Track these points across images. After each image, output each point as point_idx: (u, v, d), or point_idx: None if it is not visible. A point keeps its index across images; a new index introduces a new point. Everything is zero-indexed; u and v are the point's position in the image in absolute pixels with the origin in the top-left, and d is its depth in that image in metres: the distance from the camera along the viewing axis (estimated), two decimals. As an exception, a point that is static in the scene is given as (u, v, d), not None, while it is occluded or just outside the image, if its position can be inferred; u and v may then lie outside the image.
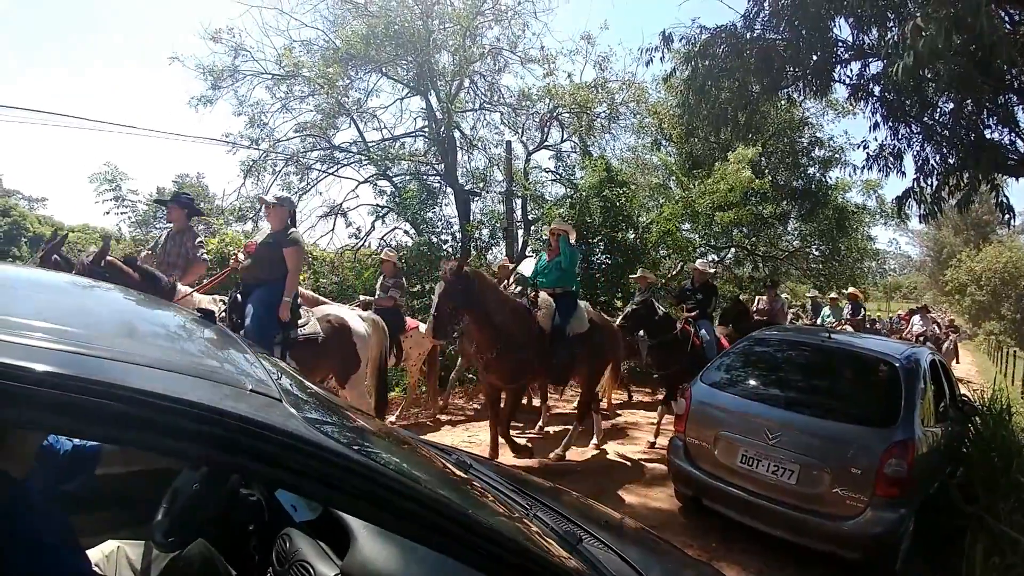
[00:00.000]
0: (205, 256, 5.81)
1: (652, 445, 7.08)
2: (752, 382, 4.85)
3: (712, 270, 9.23)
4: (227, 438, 0.88)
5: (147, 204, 12.35)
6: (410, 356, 7.57)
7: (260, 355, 1.55)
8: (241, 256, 5.16)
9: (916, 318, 15.24)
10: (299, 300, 5.23)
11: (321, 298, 6.41)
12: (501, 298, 5.53)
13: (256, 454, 0.91)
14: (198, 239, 5.77)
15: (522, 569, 1.18)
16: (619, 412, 9.03)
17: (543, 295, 5.95)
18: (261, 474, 1.07)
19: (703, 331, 7.54)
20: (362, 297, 8.28)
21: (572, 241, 6.37)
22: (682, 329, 7.31)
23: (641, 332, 7.55)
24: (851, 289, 12.71)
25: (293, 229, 5.09)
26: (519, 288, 6.63)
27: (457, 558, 1.14)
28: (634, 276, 8.60)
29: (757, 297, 12.31)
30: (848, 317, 11.56)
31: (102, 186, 11.18)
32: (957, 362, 17.67)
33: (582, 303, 6.32)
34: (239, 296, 4.94)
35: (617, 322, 7.31)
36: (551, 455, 6.06)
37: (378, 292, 7.59)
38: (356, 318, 5.66)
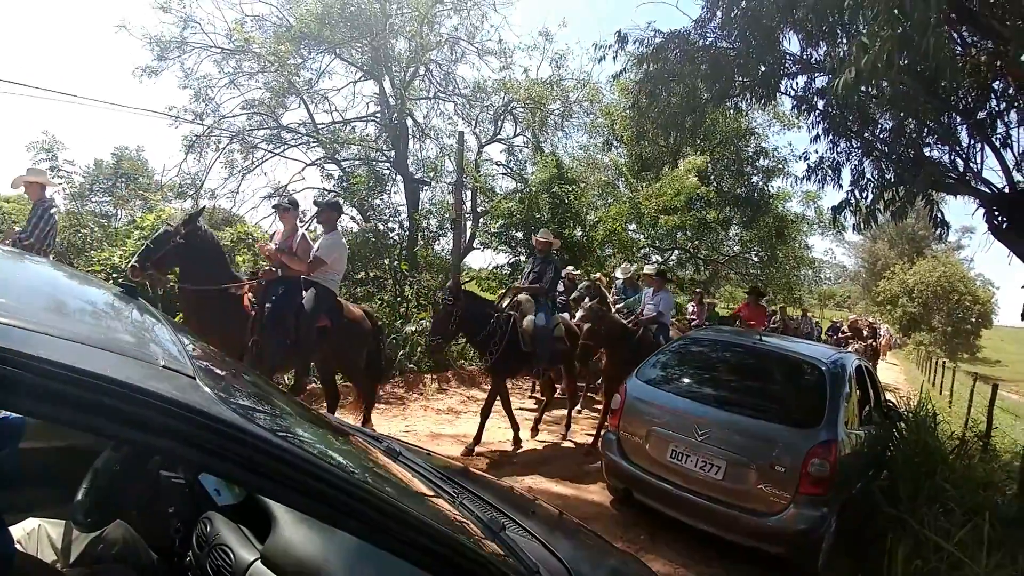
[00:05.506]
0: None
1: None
2: (684, 380, 4.98)
3: None
4: (134, 413, 0.85)
5: (83, 176, 11.78)
6: None
7: (180, 333, 1.51)
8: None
9: (690, 306, 12.46)
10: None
11: None
12: None
13: (165, 431, 0.89)
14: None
15: (439, 554, 1.19)
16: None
17: None
18: (170, 451, 1.04)
19: None
20: None
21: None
22: None
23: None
24: (568, 270, 9.91)
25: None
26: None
27: (377, 544, 1.14)
28: None
29: None
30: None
31: (39, 155, 10.61)
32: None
33: None
34: None
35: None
36: None
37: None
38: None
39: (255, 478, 1.01)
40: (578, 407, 8.21)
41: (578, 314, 6.73)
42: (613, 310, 7.90)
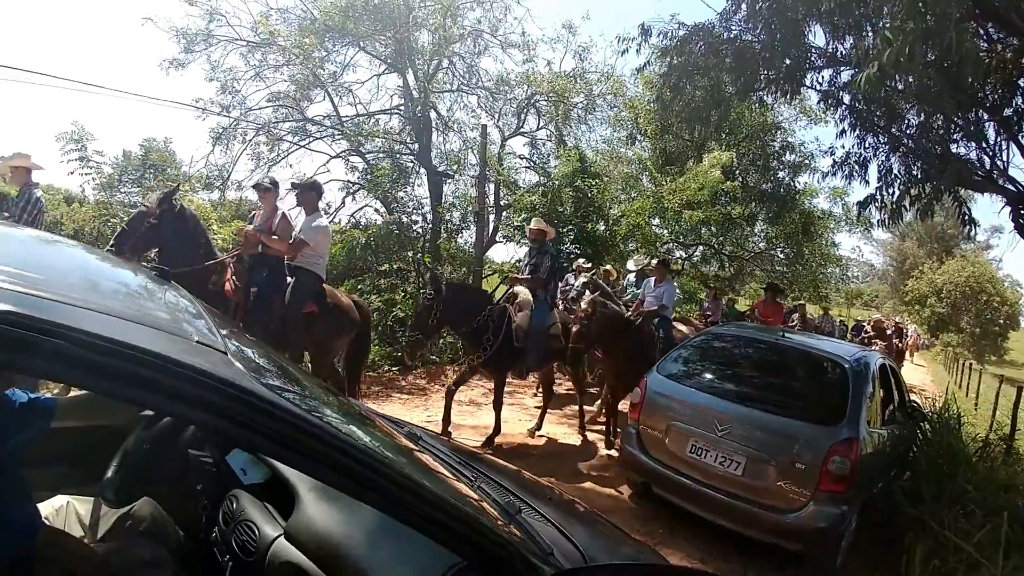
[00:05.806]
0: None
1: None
2: (705, 375, 4.97)
3: None
4: (171, 385, 0.90)
5: (112, 166, 11.97)
6: None
7: (210, 313, 1.57)
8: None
9: (705, 302, 12.28)
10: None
11: None
12: None
13: (199, 403, 0.93)
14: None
15: (457, 531, 1.22)
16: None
17: None
18: (203, 423, 1.09)
19: None
20: None
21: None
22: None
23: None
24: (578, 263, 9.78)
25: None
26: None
27: (399, 518, 1.18)
28: None
29: None
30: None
31: (68, 145, 10.81)
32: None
33: None
34: None
35: None
36: None
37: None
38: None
39: (283, 451, 1.05)
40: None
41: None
42: (620, 302, 7.72)
